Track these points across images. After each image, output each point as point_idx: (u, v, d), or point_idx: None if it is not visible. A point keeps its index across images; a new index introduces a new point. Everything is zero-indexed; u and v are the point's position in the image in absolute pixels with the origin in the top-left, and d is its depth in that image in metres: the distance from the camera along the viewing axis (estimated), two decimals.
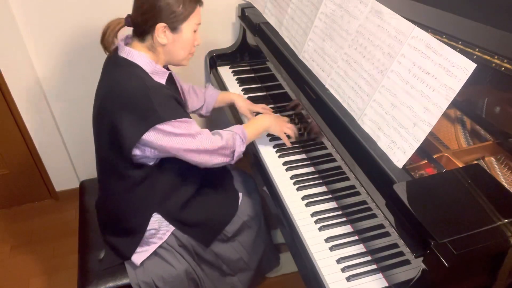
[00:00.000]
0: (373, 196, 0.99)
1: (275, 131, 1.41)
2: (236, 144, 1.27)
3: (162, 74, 1.22)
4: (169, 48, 1.19)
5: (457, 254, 0.78)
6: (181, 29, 1.16)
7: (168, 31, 1.14)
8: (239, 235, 1.44)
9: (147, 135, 1.11)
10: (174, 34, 1.16)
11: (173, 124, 1.12)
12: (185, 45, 1.20)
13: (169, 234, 1.31)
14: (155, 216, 1.29)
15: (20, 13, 1.62)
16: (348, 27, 1.18)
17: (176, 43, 1.18)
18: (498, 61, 1.08)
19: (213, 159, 1.23)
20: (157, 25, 1.12)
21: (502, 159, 1.15)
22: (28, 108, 1.84)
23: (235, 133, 1.28)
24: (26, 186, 2.12)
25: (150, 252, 1.29)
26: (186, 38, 1.18)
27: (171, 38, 1.16)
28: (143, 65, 1.17)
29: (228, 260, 1.43)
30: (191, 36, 1.19)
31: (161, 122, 1.10)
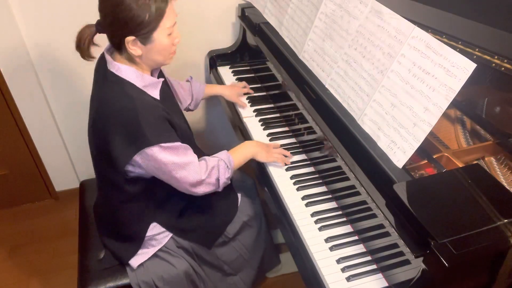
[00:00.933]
0: (373, 196, 0.99)
1: (262, 158, 1.36)
2: (220, 172, 1.23)
3: (155, 85, 1.17)
4: (146, 57, 1.12)
5: (457, 254, 0.78)
6: (153, 38, 1.07)
7: (139, 43, 1.07)
8: (240, 234, 1.44)
9: (137, 157, 1.10)
10: (146, 45, 1.08)
11: (161, 148, 1.09)
12: (162, 52, 1.12)
13: (169, 239, 1.31)
14: (154, 224, 1.29)
15: (20, 13, 1.62)
16: (348, 27, 1.18)
17: (152, 52, 1.11)
18: (498, 61, 1.08)
19: (198, 189, 1.20)
20: (125, 38, 1.05)
21: (502, 159, 1.14)
22: (28, 108, 1.84)
23: (220, 159, 1.25)
24: (26, 186, 2.12)
25: (149, 256, 1.29)
26: (160, 45, 1.10)
27: (145, 49, 1.09)
28: (133, 80, 1.12)
29: (230, 260, 1.43)
30: (167, 41, 1.11)
31: (149, 146, 1.07)
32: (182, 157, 1.14)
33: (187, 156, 1.16)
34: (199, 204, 1.35)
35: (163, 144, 1.09)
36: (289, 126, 1.55)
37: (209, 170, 1.21)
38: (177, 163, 1.12)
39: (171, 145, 1.11)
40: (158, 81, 1.19)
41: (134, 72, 1.12)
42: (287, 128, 1.55)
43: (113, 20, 1.04)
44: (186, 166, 1.14)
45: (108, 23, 1.06)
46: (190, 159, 1.16)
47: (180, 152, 1.14)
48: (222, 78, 1.85)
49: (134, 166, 1.14)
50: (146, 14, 1.02)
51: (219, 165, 1.24)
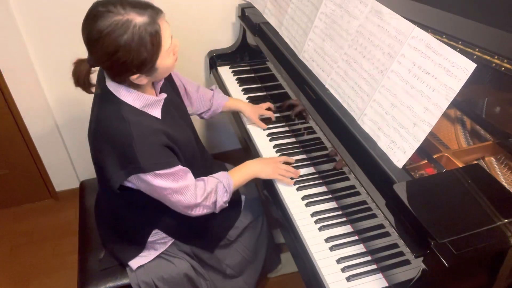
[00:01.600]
0: (373, 196, 0.99)
1: (267, 175, 1.29)
2: (218, 195, 1.19)
3: (155, 104, 1.11)
4: (151, 80, 1.09)
5: (457, 254, 0.78)
6: (157, 67, 1.02)
7: (143, 76, 1.02)
8: (242, 236, 1.44)
9: (130, 179, 1.07)
10: (151, 74, 1.04)
11: (155, 175, 1.05)
12: (166, 69, 1.07)
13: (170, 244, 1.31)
14: (155, 230, 1.28)
15: (20, 13, 1.62)
16: (348, 27, 1.18)
17: (157, 74, 1.06)
18: (498, 61, 1.08)
19: (194, 211, 1.17)
20: (130, 77, 1.00)
21: (502, 159, 1.14)
22: (28, 108, 1.84)
23: (219, 182, 1.21)
24: (26, 186, 2.12)
25: (150, 259, 1.29)
26: (164, 66, 1.04)
27: (150, 77, 1.05)
28: (132, 102, 1.05)
29: (232, 263, 1.43)
30: (169, 60, 1.05)
31: (143, 173, 1.03)
32: (179, 183, 1.10)
33: (184, 180, 1.11)
34: None
35: (158, 172, 1.05)
36: (289, 126, 1.55)
37: (207, 193, 1.17)
38: (173, 188, 1.09)
39: (168, 171, 1.06)
40: (159, 99, 1.12)
41: (133, 94, 1.06)
42: (287, 128, 1.55)
43: (112, 65, 0.98)
44: (182, 191, 1.11)
45: (107, 66, 1.00)
46: (187, 184, 1.12)
47: (178, 177, 1.09)
48: (222, 78, 1.85)
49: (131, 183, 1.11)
50: (144, 52, 0.96)
51: (218, 188, 1.20)
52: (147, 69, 1.00)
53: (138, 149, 1.01)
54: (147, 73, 1.02)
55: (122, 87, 1.05)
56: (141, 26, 0.94)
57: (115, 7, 0.93)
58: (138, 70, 0.99)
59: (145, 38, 0.94)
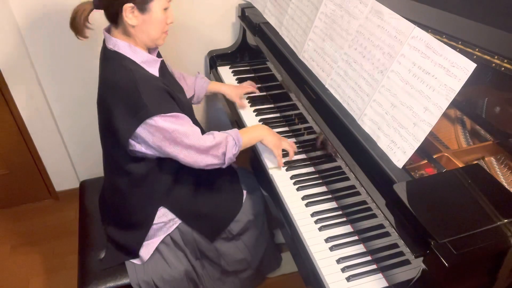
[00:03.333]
0: (373, 196, 0.99)
1: (269, 143, 1.34)
2: (228, 146, 1.23)
3: (154, 63, 1.20)
4: (140, 29, 1.14)
5: (457, 254, 0.78)
6: (150, 8, 1.11)
7: (137, 11, 1.10)
8: (243, 234, 1.45)
9: (140, 130, 1.11)
10: (143, 14, 1.11)
11: (163, 118, 1.10)
12: (157, 25, 1.15)
13: (175, 228, 1.31)
14: (162, 209, 1.29)
15: (20, 13, 1.62)
16: (348, 27, 1.18)
17: (147, 24, 1.14)
18: (498, 61, 1.08)
19: (203, 159, 1.20)
20: (124, 5, 1.08)
21: (502, 159, 1.15)
22: (28, 108, 1.84)
23: (229, 135, 1.25)
24: (26, 186, 2.12)
25: (156, 244, 1.30)
26: (156, 17, 1.13)
27: (141, 19, 1.12)
28: (131, 55, 1.15)
29: (231, 259, 1.43)
30: (162, 14, 1.14)
31: (151, 116, 1.09)
32: (185, 127, 1.15)
33: (190, 126, 1.17)
34: (206, 190, 1.36)
35: (164, 114, 1.10)
36: (289, 126, 1.55)
37: (216, 142, 1.20)
38: (181, 131, 1.13)
39: (172, 114, 1.12)
40: (155, 59, 1.20)
41: (129, 47, 1.15)
42: (287, 128, 1.55)
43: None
44: (190, 135, 1.15)
45: None
46: (193, 129, 1.17)
47: (183, 121, 1.15)
48: (222, 78, 1.85)
49: (139, 143, 1.15)
50: None
51: (227, 140, 1.24)
52: (141, 1, 1.08)
53: (143, 92, 1.08)
54: (140, 7, 1.09)
55: (120, 42, 1.14)
56: None
57: None
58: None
59: None
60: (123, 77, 1.10)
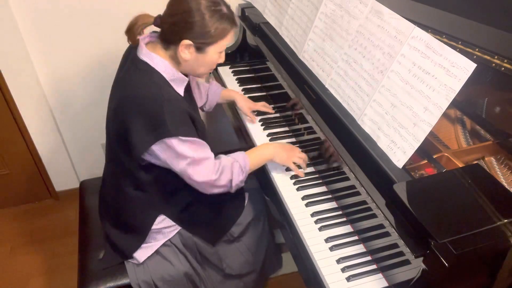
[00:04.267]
0: (373, 196, 0.99)
1: (281, 160, 1.31)
2: (234, 174, 1.21)
3: (181, 82, 1.19)
4: (190, 64, 1.16)
5: (457, 254, 0.78)
6: (207, 51, 1.13)
7: (193, 49, 1.11)
8: (244, 235, 1.44)
9: (155, 147, 1.10)
10: (198, 53, 1.12)
11: (180, 140, 1.10)
12: (207, 65, 1.18)
13: (176, 233, 1.31)
14: (162, 216, 1.29)
15: (20, 13, 1.62)
16: (348, 27, 1.18)
17: (199, 62, 1.15)
18: (498, 61, 1.08)
19: (210, 189, 1.21)
20: (182, 40, 1.09)
21: (502, 159, 1.14)
22: (28, 108, 1.85)
23: (235, 161, 1.23)
24: (26, 186, 2.12)
25: (154, 249, 1.29)
26: (210, 59, 1.15)
27: (194, 56, 1.13)
28: (163, 72, 1.14)
29: (233, 262, 1.43)
30: (216, 57, 1.16)
31: (170, 137, 1.08)
32: (199, 153, 1.14)
33: (204, 152, 1.16)
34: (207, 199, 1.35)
35: (182, 137, 1.10)
36: (289, 126, 1.55)
37: (221, 170, 1.19)
38: (194, 157, 1.13)
39: (190, 139, 1.12)
40: (184, 78, 1.20)
41: (167, 66, 1.14)
42: (287, 128, 1.55)
43: (180, 20, 1.08)
44: (202, 162, 1.15)
45: (172, 22, 1.10)
46: (207, 155, 1.17)
47: (198, 147, 1.15)
48: (222, 78, 1.85)
49: (151, 155, 1.15)
50: (214, 25, 1.08)
51: (233, 166, 1.22)
52: (202, 43, 1.10)
53: (167, 112, 1.07)
54: (198, 48, 1.11)
55: (158, 58, 1.13)
56: (225, 15, 1.10)
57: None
58: (197, 37, 1.09)
59: (221, 22, 1.09)
60: (150, 92, 1.09)
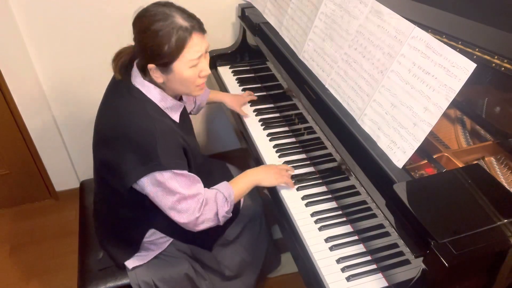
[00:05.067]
0: (373, 196, 0.99)
1: (270, 183, 1.28)
2: (219, 204, 1.17)
3: (176, 108, 1.17)
4: (168, 85, 1.11)
5: (457, 254, 0.78)
6: (172, 69, 1.06)
7: (159, 71, 1.07)
8: (241, 237, 1.44)
9: (145, 179, 1.08)
10: (166, 74, 1.07)
11: (173, 174, 1.07)
12: (183, 83, 1.10)
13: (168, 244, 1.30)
14: (152, 230, 1.28)
15: (20, 13, 1.62)
16: (348, 27, 1.18)
17: (173, 82, 1.09)
18: (498, 61, 1.08)
19: (195, 227, 1.16)
20: (148, 65, 1.06)
21: (502, 159, 1.14)
22: (28, 108, 1.84)
23: (218, 192, 1.19)
24: (26, 186, 2.12)
25: (147, 260, 1.29)
26: (181, 77, 1.07)
27: (165, 77, 1.08)
28: (157, 100, 1.11)
29: (230, 263, 1.42)
30: (189, 72, 1.07)
31: (161, 170, 1.05)
32: (190, 189, 1.11)
33: (195, 189, 1.13)
34: None
35: (176, 171, 1.07)
36: (289, 126, 1.55)
37: (204, 203, 1.15)
38: (184, 194, 1.10)
39: (184, 173, 1.10)
40: (179, 104, 1.18)
41: (159, 94, 1.11)
42: (287, 128, 1.55)
43: (139, 45, 1.07)
44: (190, 200, 1.11)
45: (139, 49, 1.08)
46: (197, 192, 1.13)
47: (190, 183, 1.12)
48: (222, 78, 1.85)
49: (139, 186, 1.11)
50: (166, 45, 1.01)
51: (217, 197, 1.18)
52: (162, 63, 1.05)
53: (160, 146, 1.05)
54: (162, 68, 1.06)
55: (150, 85, 1.11)
56: (176, 25, 1.02)
57: (168, 7, 1.06)
58: (154, 59, 1.04)
59: (173, 35, 1.02)
60: (144, 125, 1.06)
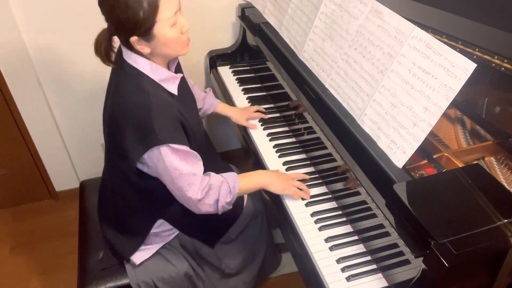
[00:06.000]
0: (373, 196, 0.99)
1: (276, 190, 1.25)
2: (221, 194, 1.16)
3: (172, 80, 1.15)
4: (155, 53, 1.10)
5: (457, 254, 0.78)
6: (155, 34, 1.04)
7: (143, 41, 1.05)
8: (242, 235, 1.44)
9: (147, 155, 1.08)
10: (151, 41, 1.06)
11: (171, 148, 1.07)
12: (170, 44, 1.08)
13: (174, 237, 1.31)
14: (161, 220, 1.28)
15: (20, 13, 1.62)
16: (348, 27, 1.18)
17: (160, 47, 1.08)
18: (498, 61, 1.08)
19: (196, 208, 1.16)
20: (130, 40, 1.04)
21: (502, 159, 1.14)
22: (28, 108, 1.84)
23: (224, 181, 1.18)
24: (26, 186, 2.12)
25: (152, 253, 1.29)
26: (165, 38, 1.05)
27: (151, 46, 1.07)
28: (151, 74, 1.10)
29: (231, 261, 1.43)
30: (171, 32, 1.05)
31: (159, 144, 1.05)
32: (188, 166, 1.10)
33: (194, 166, 1.12)
34: None
35: (172, 145, 1.06)
36: (289, 126, 1.55)
37: (208, 188, 1.14)
38: (182, 171, 1.09)
39: (180, 147, 1.08)
40: (175, 76, 1.16)
41: (149, 65, 1.10)
42: (287, 128, 1.55)
43: (113, 23, 1.04)
44: (189, 178, 1.10)
45: (113, 28, 1.05)
46: (195, 171, 1.12)
47: (188, 159, 1.11)
48: (222, 78, 1.85)
49: (143, 165, 1.13)
50: (140, 11, 0.98)
51: (222, 186, 1.17)
52: (143, 31, 1.02)
53: (155, 119, 1.05)
54: (145, 37, 1.04)
55: (139, 58, 1.09)
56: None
57: None
58: (134, 30, 1.02)
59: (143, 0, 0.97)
60: (138, 101, 1.06)
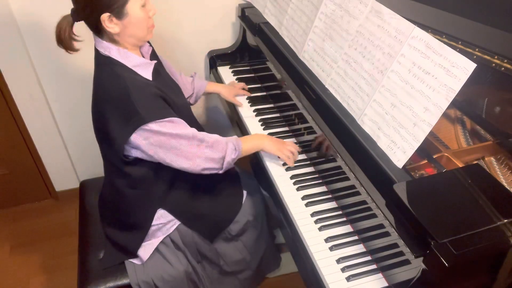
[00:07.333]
0: (373, 196, 0.99)
1: (271, 149, 1.33)
2: (228, 150, 1.22)
3: (145, 66, 1.18)
4: (124, 34, 1.12)
5: (457, 254, 0.78)
6: (127, 12, 1.08)
7: (115, 19, 1.07)
8: (243, 235, 1.45)
9: (134, 137, 1.10)
10: (122, 19, 1.08)
11: (157, 123, 1.09)
12: (140, 25, 1.12)
13: (174, 229, 1.31)
14: (160, 211, 1.29)
15: (20, 13, 1.62)
16: (348, 27, 1.18)
17: (129, 27, 1.11)
18: (498, 61, 1.08)
19: (200, 163, 1.18)
20: (101, 17, 1.06)
21: (502, 159, 1.14)
22: (28, 108, 1.84)
23: (229, 141, 1.24)
24: (26, 186, 2.12)
25: (155, 246, 1.30)
26: (136, 17, 1.10)
27: (121, 25, 1.09)
28: (123, 60, 1.13)
29: (230, 259, 1.43)
30: (142, 12, 1.11)
31: (144, 123, 1.07)
32: (182, 129, 1.13)
33: (186, 129, 1.15)
34: (205, 191, 1.36)
35: (158, 121, 1.09)
36: (289, 126, 1.55)
37: (212, 142, 1.18)
38: (178, 133, 1.12)
39: (167, 119, 1.11)
40: (148, 62, 1.19)
41: (119, 52, 1.13)
42: (287, 128, 1.55)
43: (84, 6, 1.06)
44: (187, 136, 1.14)
45: (82, 7, 1.07)
46: (190, 131, 1.16)
47: (178, 125, 1.13)
48: (222, 78, 1.85)
49: (134, 149, 1.14)
50: None
51: (228, 144, 1.22)
52: (116, 7, 1.05)
53: (136, 100, 1.07)
54: (117, 14, 1.07)
55: (110, 45, 1.13)
56: None
57: None
58: (108, 6, 1.05)
59: None
60: (114, 84, 1.09)
